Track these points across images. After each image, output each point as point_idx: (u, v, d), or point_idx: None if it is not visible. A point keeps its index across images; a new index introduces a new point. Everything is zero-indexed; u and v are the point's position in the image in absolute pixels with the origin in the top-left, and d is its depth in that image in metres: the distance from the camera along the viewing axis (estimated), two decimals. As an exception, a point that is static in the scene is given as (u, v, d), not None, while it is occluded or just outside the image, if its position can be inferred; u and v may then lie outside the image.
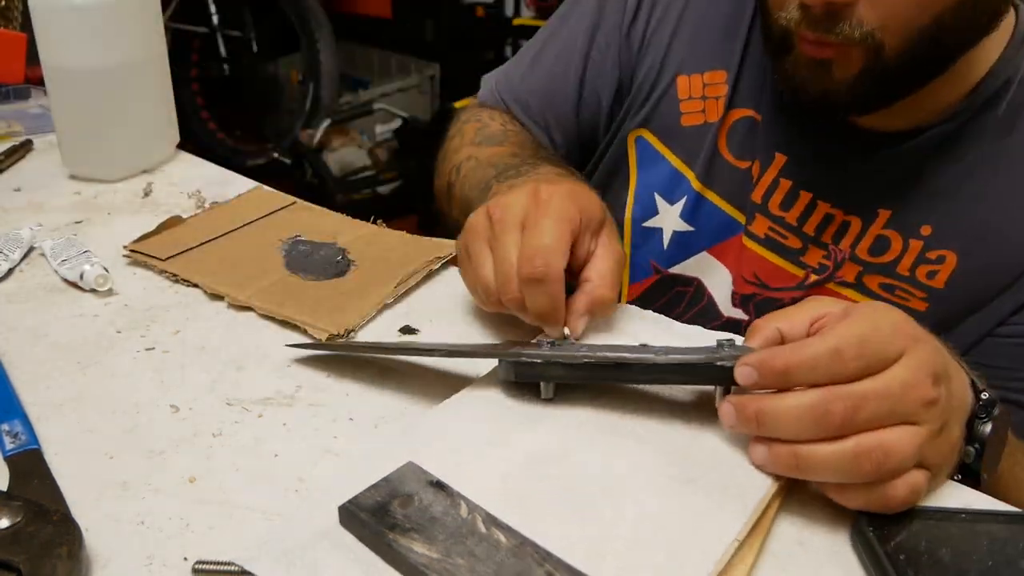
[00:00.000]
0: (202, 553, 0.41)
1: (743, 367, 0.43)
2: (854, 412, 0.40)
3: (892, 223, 0.66)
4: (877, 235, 0.67)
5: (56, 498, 0.45)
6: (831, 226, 0.69)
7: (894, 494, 0.41)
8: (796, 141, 0.68)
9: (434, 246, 0.72)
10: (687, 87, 0.73)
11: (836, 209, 0.68)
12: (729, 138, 0.72)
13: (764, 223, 0.71)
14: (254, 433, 0.51)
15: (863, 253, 0.68)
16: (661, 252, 0.76)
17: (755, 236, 0.72)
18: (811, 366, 0.41)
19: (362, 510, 0.40)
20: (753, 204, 0.71)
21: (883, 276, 0.67)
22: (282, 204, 0.79)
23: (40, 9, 0.79)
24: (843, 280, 0.69)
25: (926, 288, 0.66)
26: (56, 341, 0.59)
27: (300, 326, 0.60)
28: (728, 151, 0.72)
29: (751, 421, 0.43)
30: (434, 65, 3.19)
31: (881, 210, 0.66)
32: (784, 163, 0.69)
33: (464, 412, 0.49)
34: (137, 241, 0.71)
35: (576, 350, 0.48)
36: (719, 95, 0.72)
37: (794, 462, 0.42)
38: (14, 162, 0.90)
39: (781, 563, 0.42)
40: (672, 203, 0.75)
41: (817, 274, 0.70)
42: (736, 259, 0.73)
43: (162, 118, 0.90)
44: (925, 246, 0.65)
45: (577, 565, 0.38)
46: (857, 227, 0.68)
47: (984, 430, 0.46)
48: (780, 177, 0.70)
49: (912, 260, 0.66)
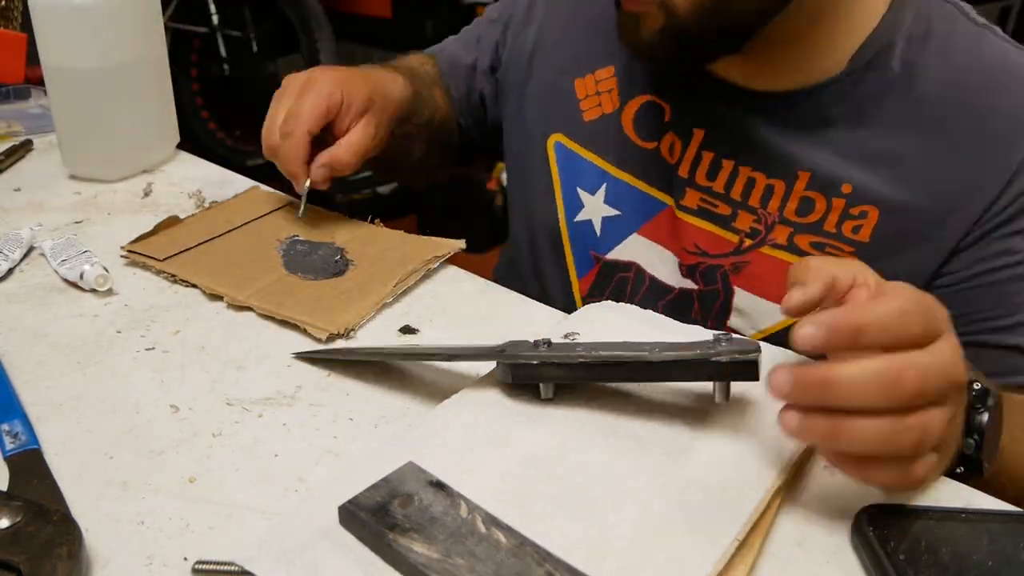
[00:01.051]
0: (202, 553, 0.41)
1: (806, 328, 0.38)
2: (924, 383, 0.38)
3: (812, 184, 0.69)
4: (801, 196, 0.70)
5: (56, 498, 0.45)
6: (755, 190, 0.72)
7: (916, 472, 0.40)
8: (708, 116, 0.73)
9: (432, 245, 0.72)
10: (583, 88, 0.80)
11: (758, 173, 0.71)
12: (635, 124, 0.77)
13: (695, 195, 0.74)
14: (254, 433, 0.51)
15: (791, 215, 0.70)
16: (596, 240, 0.80)
17: (688, 208, 0.75)
18: (884, 325, 0.39)
19: (362, 510, 0.40)
20: (681, 179, 0.75)
21: (812, 235, 0.70)
22: (279, 204, 0.79)
23: (40, 9, 0.79)
24: (776, 243, 0.71)
25: (853, 243, 0.68)
26: (56, 341, 0.59)
27: (300, 326, 0.60)
28: (636, 135, 0.77)
29: (815, 387, 0.39)
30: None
31: (800, 171, 0.69)
32: (703, 137, 0.73)
33: (464, 412, 0.49)
34: (134, 242, 0.71)
35: (573, 350, 0.48)
36: (611, 88, 0.78)
37: (832, 432, 0.39)
38: (14, 162, 0.90)
39: (781, 563, 0.42)
40: (593, 193, 0.80)
41: (751, 238, 0.73)
42: (671, 234, 0.76)
43: (162, 118, 0.90)
44: (848, 203, 0.68)
45: (577, 565, 0.38)
46: (782, 189, 0.71)
47: (981, 420, 0.46)
48: (702, 150, 0.73)
49: (837, 217, 0.69)
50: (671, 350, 0.46)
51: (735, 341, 0.46)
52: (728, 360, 0.44)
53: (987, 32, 0.68)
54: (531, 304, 0.66)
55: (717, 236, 0.74)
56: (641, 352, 0.47)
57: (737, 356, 0.44)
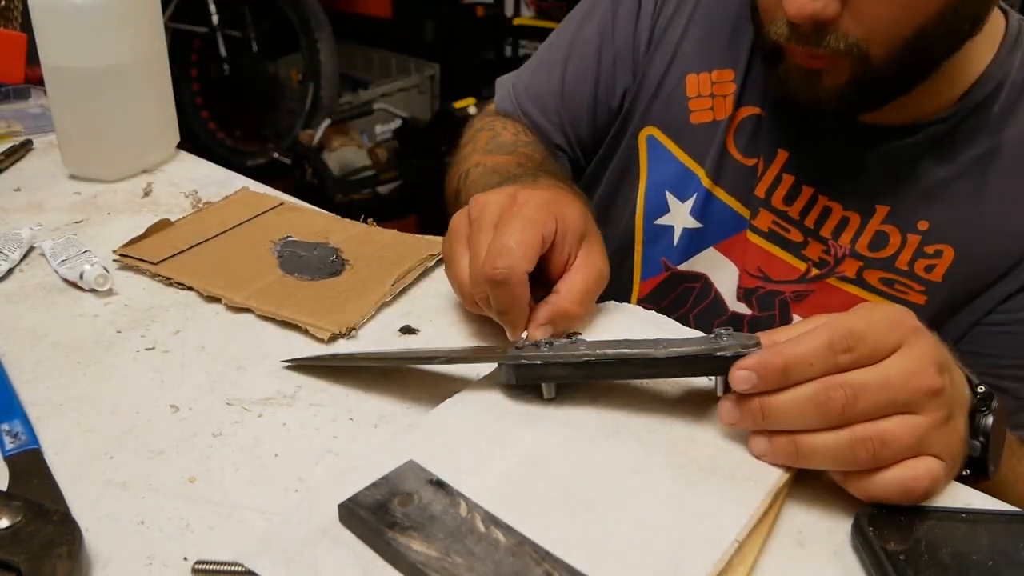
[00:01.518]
0: (202, 553, 0.41)
1: (741, 371, 0.43)
2: (854, 399, 0.41)
3: (890, 219, 0.68)
4: (876, 230, 0.68)
5: (56, 498, 0.45)
6: (831, 221, 0.70)
7: (913, 480, 0.42)
8: (798, 137, 0.70)
9: (427, 244, 0.72)
10: (696, 85, 0.74)
11: (836, 203, 0.70)
12: (737, 136, 0.73)
13: (768, 217, 0.72)
14: (254, 433, 0.51)
15: (863, 248, 0.69)
16: (671, 249, 0.77)
17: (759, 230, 0.73)
18: (808, 362, 0.42)
19: (362, 508, 0.40)
20: (757, 199, 0.73)
21: (883, 271, 0.69)
22: (271, 205, 0.79)
23: (40, 9, 0.79)
24: (844, 275, 0.70)
25: (924, 282, 0.68)
26: (56, 341, 0.59)
27: (301, 326, 0.60)
28: (736, 148, 0.73)
29: (756, 414, 0.43)
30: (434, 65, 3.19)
31: (879, 206, 0.68)
32: (787, 159, 0.71)
33: (464, 412, 0.49)
34: (127, 245, 0.71)
35: (576, 349, 0.48)
36: (727, 93, 0.73)
37: (794, 450, 0.43)
38: (14, 162, 0.90)
39: (781, 563, 0.42)
40: (683, 200, 0.76)
41: (818, 268, 0.72)
42: (741, 254, 0.74)
43: (162, 118, 0.90)
44: (923, 241, 0.67)
45: (577, 565, 0.38)
46: (856, 222, 0.69)
47: (987, 422, 0.46)
48: (783, 172, 0.71)
49: (910, 255, 0.68)
50: (674, 346, 0.46)
51: (736, 336, 0.46)
52: (732, 355, 0.44)
53: None
54: (531, 304, 0.66)
55: (783, 262, 0.72)
56: (646, 349, 0.47)
57: (740, 351, 0.44)
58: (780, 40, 0.60)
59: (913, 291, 0.68)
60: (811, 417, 0.42)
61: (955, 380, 0.44)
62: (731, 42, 0.73)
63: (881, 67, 0.58)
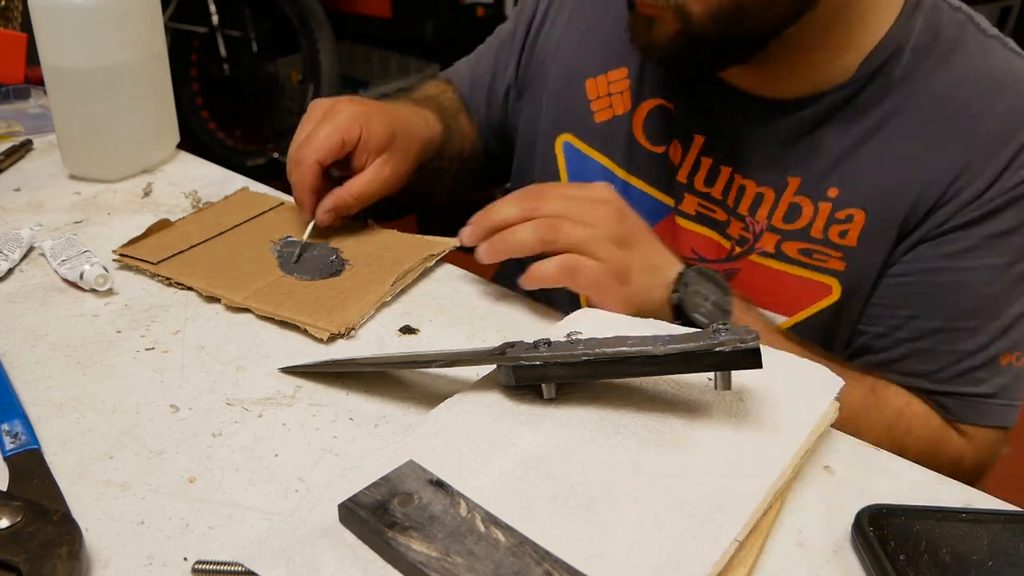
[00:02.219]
0: (202, 553, 0.41)
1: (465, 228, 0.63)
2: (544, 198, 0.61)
3: (801, 190, 0.70)
4: (789, 203, 0.70)
5: (56, 498, 0.45)
6: (747, 198, 0.72)
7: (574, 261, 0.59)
8: (710, 121, 0.73)
9: (427, 244, 0.72)
10: (595, 88, 0.80)
11: (750, 180, 0.72)
12: (645, 127, 0.77)
13: (693, 201, 0.75)
14: (254, 433, 0.51)
15: (778, 222, 0.71)
16: None
17: (686, 214, 0.76)
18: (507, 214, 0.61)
19: (362, 508, 0.40)
20: (680, 184, 0.75)
21: (800, 241, 0.70)
22: (270, 205, 0.79)
23: (40, 9, 0.79)
24: (764, 251, 0.72)
25: (840, 248, 0.69)
26: (56, 341, 0.59)
27: (301, 326, 0.60)
28: (645, 139, 0.77)
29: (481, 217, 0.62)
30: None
31: (790, 178, 0.70)
32: (703, 143, 0.74)
33: (465, 412, 0.49)
34: (126, 245, 0.71)
35: (575, 349, 0.48)
36: (623, 90, 0.78)
37: (502, 245, 0.60)
38: (14, 162, 0.90)
39: (781, 563, 0.42)
40: None
41: (740, 246, 0.74)
42: (672, 238, 0.76)
43: (162, 118, 0.90)
44: (834, 207, 0.69)
45: (576, 565, 0.38)
46: (771, 197, 0.71)
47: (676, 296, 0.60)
48: (701, 156, 0.74)
49: (824, 222, 0.69)
50: (673, 343, 0.46)
51: (733, 330, 0.46)
52: (731, 350, 0.44)
53: (995, 42, 0.68)
54: (531, 304, 0.66)
55: (714, 242, 0.75)
56: (644, 347, 0.47)
57: (739, 345, 0.45)
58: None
59: (832, 258, 0.69)
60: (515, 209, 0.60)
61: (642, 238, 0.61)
62: (620, 43, 0.77)
63: (702, 26, 0.62)
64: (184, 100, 2.96)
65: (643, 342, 0.47)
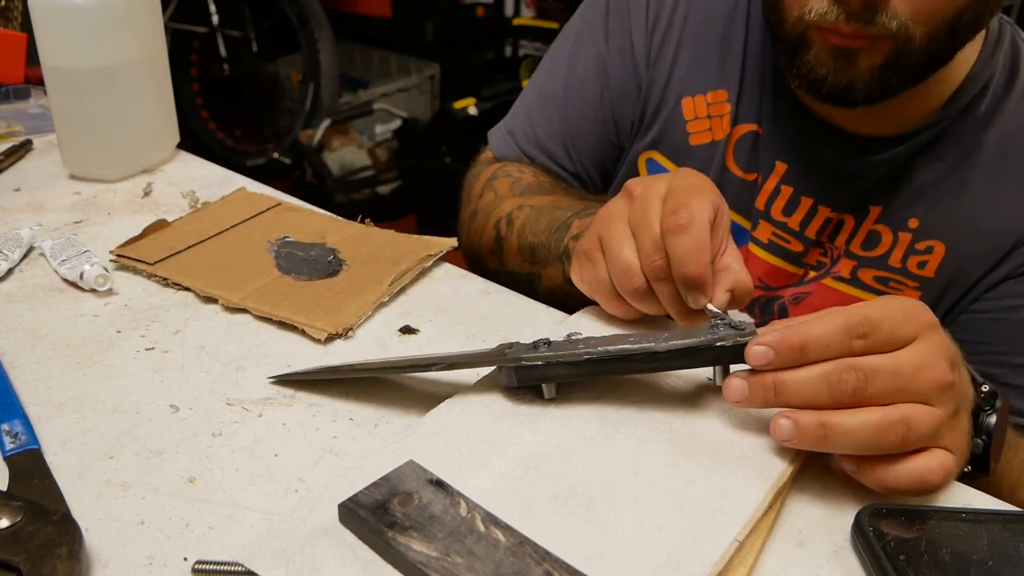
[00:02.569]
0: (202, 553, 0.41)
1: (758, 347, 0.43)
2: (866, 382, 0.41)
3: (882, 218, 0.69)
4: (869, 231, 0.70)
5: (56, 498, 0.45)
6: (826, 226, 0.72)
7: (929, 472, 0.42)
8: (794, 150, 0.72)
9: (424, 244, 0.72)
10: (692, 108, 0.76)
11: (828, 208, 0.71)
12: (736, 153, 0.75)
13: (767, 228, 0.74)
14: (254, 433, 0.51)
15: (856, 248, 0.71)
16: None
17: (759, 242, 0.75)
18: (824, 342, 0.42)
19: (362, 508, 0.40)
20: (757, 211, 0.74)
21: (876, 269, 0.70)
22: (267, 205, 0.79)
23: (40, 9, 0.79)
24: (839, 275, 0.72)
25: (917, 278, 0.69)
26: (56, 341, 0.59)
27: (298, 327, 0.60)
28: (736, 165, 0.75)
29: (768, 390, 0.43)
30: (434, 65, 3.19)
31: (872, 207, 0.70)
32: (784, 171, 0.72)
33: (465, 411, 0.49)
34: (124, 245, 0.70)
35: (575, 348, 0.48)
36: (723, 113, 0.75)
37: (823, 432, 0.42)
38: (14, 162, 0.90)
39: (781, 563, 0.42)
40: None
41: (815, 271, 0.73)
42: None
43: (162, 118, 0.90)
44: (914, 238, 0.69)
45: (576, 565, 0.38)
46: (851, 224, 0.71)
47: (990, 421, 0.47)
48: (781, 184, 0.73)
49: (903, 252, 0.69)
50: (674, 339, 0.46)
51: (736, 323, 0.46)
52: (732, 344, 0.45)
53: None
54: (531, 304, 0.66)
55: (782, 270, 0.74)
56: (646, 343, 0.47)
57: (739, 339, 0.45)
58: (814, 21, 0.59)
59: (907, 287, 0.69)
60: (823, 396, 0.42)
61: (963, 377, 0.45)
62: (720, 64, 0.75)
63: (917, 50, 0.58)
64: (184, 100, 2.96)
65: (644, 339, 0.47)
